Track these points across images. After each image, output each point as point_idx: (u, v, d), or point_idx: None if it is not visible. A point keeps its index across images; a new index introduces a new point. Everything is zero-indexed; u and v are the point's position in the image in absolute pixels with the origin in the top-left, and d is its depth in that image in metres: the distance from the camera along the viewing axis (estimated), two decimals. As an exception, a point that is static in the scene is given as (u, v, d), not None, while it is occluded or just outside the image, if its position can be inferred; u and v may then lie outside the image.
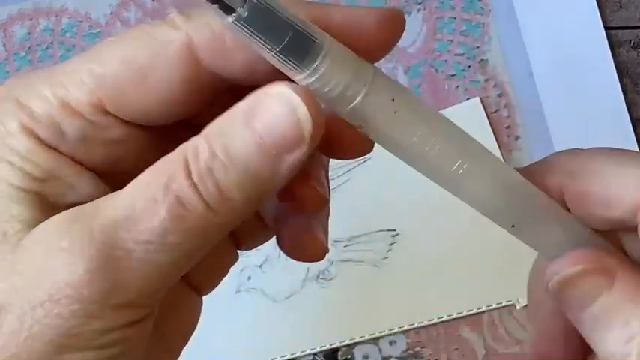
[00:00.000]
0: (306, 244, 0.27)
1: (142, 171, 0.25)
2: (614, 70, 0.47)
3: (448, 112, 0.47)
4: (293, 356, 0.45)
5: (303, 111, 0.21)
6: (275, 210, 0.27)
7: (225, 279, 0.44)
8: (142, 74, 0.23)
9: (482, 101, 0.47)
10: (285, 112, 0.21)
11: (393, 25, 0.24)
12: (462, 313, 0.45)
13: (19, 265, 0.21)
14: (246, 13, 0.21)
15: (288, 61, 0.22)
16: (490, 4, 0.48)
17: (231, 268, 0.48)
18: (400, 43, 0.48)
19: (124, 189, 0.22)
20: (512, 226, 0.25)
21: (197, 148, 0.21)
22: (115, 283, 0.21)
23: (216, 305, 0.45)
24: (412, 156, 0.24)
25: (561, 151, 0.26)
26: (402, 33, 0.24)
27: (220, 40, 0.23)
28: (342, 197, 0.46)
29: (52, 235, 0.21)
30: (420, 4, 0.48)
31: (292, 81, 0.22)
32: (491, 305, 0.45)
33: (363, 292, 0.45)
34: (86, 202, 0.23)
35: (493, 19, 0.48)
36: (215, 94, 0.24)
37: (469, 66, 0.47)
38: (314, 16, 0.22)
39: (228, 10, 0.21)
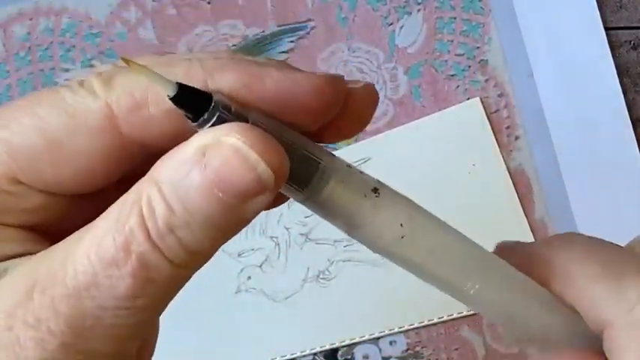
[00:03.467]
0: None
1: (68, 231, 0.23)
2: (614, 70, 0.47)
3: (448, 112, 0.47)
4: (293, 356, 0.45)
5: (262, 167, 0.19)
6: None
7: (225, 279, 0.44)
8: (57, 145, 0.21)
9: (482, 101, 0.47)
10: (243, 168, 0.19)
11: (331, 92, 0.22)
12: (462, 313, 0.45)
13: None
14: None
15: (291, 186, 0.21)
16: (490, 4, 0.48)
17: (232, 268, 0.48)
18: (400, 43, 0.48)
19: (78, 246, 0.20)
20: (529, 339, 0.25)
21: (151, 200, 0.20)
22: (90, 352, 0.20)
23: (216, 305, 0.45)
24: (422, 274, 0.24)
25: (545, 243, 0.26)
26: (341, 102, 0.22)
27: (143, 109, 0.21)
28: (342, 197, 0.46)
29: (12, 309, 0.20)
30: (420, 4, 0.48)
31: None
32: (491, 305, 0.45)
33: (363, 292, 0.45)
34: (19, 255, 0.22)
35: (493, 19, 0.48)
36: (137, 160, 0.23)
37: (469, 66, 0.47)
38: (246, 82, 0.21)
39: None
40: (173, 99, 0.20)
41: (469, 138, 0.46)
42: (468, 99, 0.47)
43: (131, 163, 0.23)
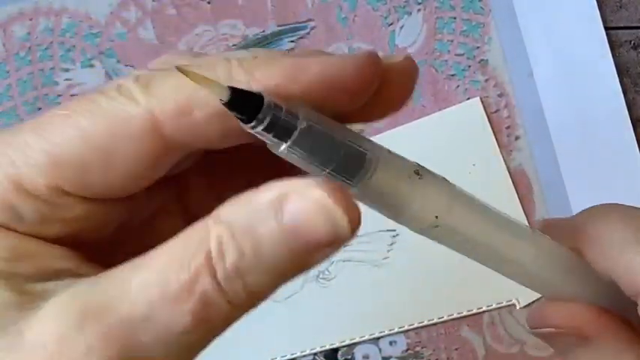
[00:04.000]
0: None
1: (111, 234, 0.23)
2: (614, 70, 0.47)
3: (448, 112, 0.47)
4: (293, 356, 0.45)
5: (344, 222, 0.20)
6: None
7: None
8: (102, 154, 0.21)
9: (482, 101, 0.47)
10: (324, 221, 0.20)
11: (372, 70, 0.22)
12: (462, 313, 0.45)
13: None
14: (296, 138, 0.20)
15: (340, 178, 0.21)
16: (490, 4, 0.48)
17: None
18: (400, 43, 0.48)
19: (136, 276, 0.20)
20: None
21: (222, 242, 0.20)
22: None
23: (216, 305, 0.45)
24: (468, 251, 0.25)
25: (582, 213, 0.26)
26: (380, 78, 0.22)
27: (187, 113, 0.21)
28: (342, 197, 0.46)
29: (63, 333, 0.19)
30: (420, 4, 0.48)
31: None
32: (492, 305, 0.45)
33: (363, 292, 0.45)
34: (63, 273, 0.21)
35: (493, 19, 0.48)
36: (181, 157, 0.23)
37: (469, 66, 0.47)
38: (290, 75, 0.21)
39: (281, 138, 0.20)
40: (227, 104, 0.20)
41: (469, 138, 0.46)
42: (468, 99, 0.47)
43: (173, 162, 0.23)
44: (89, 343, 0.19)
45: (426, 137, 0.46)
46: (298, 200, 0.20)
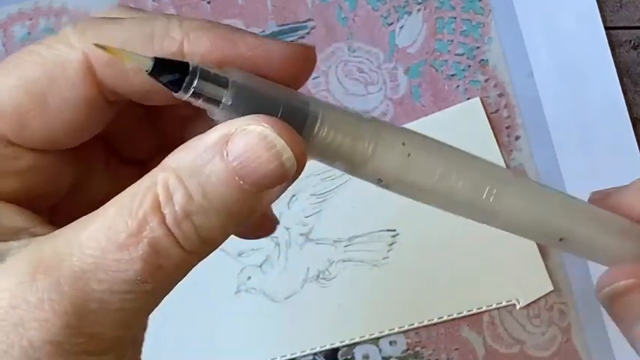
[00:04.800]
0: (260, 223, 0.26)
1: (62, 191, 0.24)
2: (614, 70, 0.47)
3: (448, 112, 0.47)
4: (293, 356, 0.45)
5: (288, 154, 0.20)
6: None
7: (225, 279, 0.44)
8: (41, 99, 0.22)
9: (482, 101, 0.47)
10: (268, 155, 0.20)
11: (303, 63, 0.22)
12: (462, 313, 0.45)
13: None
14: (230, 101, 0.20)
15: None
16: (490, 4, 0.48)
17: (232, 269, 0.48)
18: (400, 43, 0.48)
19: (86, 229, 0.20)
20: (560, 239, 0.24)
21: (168, 186, 0.20)
22: (93, 334, 0.20)
23: (216, 305, 0.45)
24: (438, 196, 0.23)
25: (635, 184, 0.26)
26: (311, 71, 0.23)
27: (119, 63, 0.22)
28: (343, 197, 0.46)
29: (15, 289, 0.20)
30: (420, 4, 0.48)
31: None
32: (492, 305, 0.45)
33: (363, 292, 0.45)
34: (24, 233, 0.22)
35: (493, 19, 0.48)
36: (119, 108, 0.23)
37: (469, 66, 0.47)
38: (219, 45, 0.21)
39: (213, 102, 0.21)
40: (151, 73, 0.20)
41: (469, 138, 0.46)
42: (468, 99, 0.47)
43: (112, 114, 0.23)
44: (41, 296, 0.19)
45: (426, 137, 0.46)
46: (241, 137, 0.20)
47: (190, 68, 0.20)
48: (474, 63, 0.47)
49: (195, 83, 0.20)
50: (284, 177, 0.20)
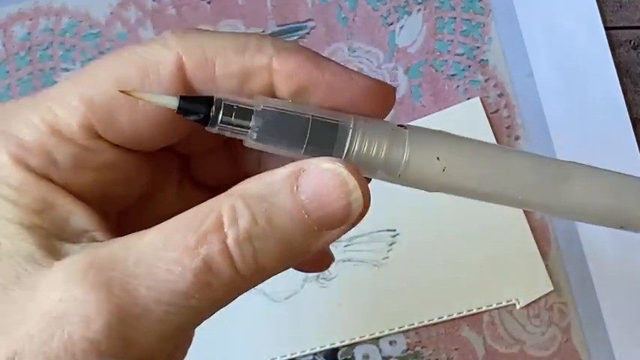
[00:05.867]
0: (316, 259, 0.26)
1: (132, 198, 0.24)
2: (614, 70, 0.47)
3: (448, 112, 0.47)
4: (293, 356, 0.45)
5: (357, 195, 0.20)
6: None
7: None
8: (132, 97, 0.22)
9: (482, 101, 0.47)
10: (338, 192, 0.20)
11: (383, 99, 0.23)
12: (462, 313, 0.45)
13: (33, 313, 0.20)
14: (256, 131, 0.21)
15: (320, 153, 0.21)
16: (490, 4, 0.48)
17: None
18: (400, 43, 0.48)
19: (144, 237, 0.21)
20: (621, 227, 0.24)
21: (235, 209, 0.20)
22: (131, 341, 0.20)
23: (216, 305, 0.45)
24: (484, 197, 0.23)
25: None
26: (390, 109, 0.23)
27: (211, 65, 0.22)
28: (342, 197, 0.46)
29: (66, 282, 0.20)
30: (420, 4, 0.48)
31: None
32: (492, 305, 0.45)
33: (363, 292, 0.45)
34: (85, 236, 0.22)
35: (493, 19, 0.48)
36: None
37: (469, 66, 0.47)
38: (306, 68, 0.22)
39: (242, 133, 0.21)
40: (179, 112, 0.21)
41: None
42: (468, 99, 0.47)
43: (194, 124, 0.23)
44: (87, 293, 0.20)
45: (426, 137, 0.46)
46: (315, 173, 0.20)
47: (214, 103, 0.21)
48: (474, 63, 0.47)
49: (220, 118, 0.21)
50: (348, 217, 0.21)
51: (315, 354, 0.45)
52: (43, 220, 0.22)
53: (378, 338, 0.45)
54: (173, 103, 0.21)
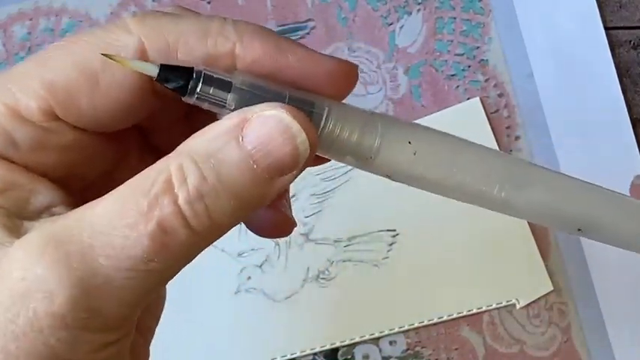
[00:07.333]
0: (277, 223, 0.27)
1: (95, 175, 0.24)
2: (614, 70, 0.47)
3: (448, 112, 0.47)
4: (293, 356, 0.45)
5: (302, 138, 0.21)
6: None
7: (225, 279, 0.44)
8: (93, 80, 0.22)
9: (482, 101, 0.47)
10: (283, 138, 0.20)
11: (346, 78, 0.23)
12: (462, 313, 0.45)
13: None
14: (234, 104, 0.21)
15: None
16: (490, 4, 0.48)
17: (232, 268, 0.48)
18: (400, 43, 0.48)
19: (97, 206, 0.21)
20: (579, 230, 0.25)
21: (183, 169, 0.20)
22: (96, 311, 0.20)
23: (216, 305, 0.45)
24: (448, 190, 0.23)
25: None
26: (353, 88, 0.23)
27: (173, 51, 0.22)
28: (342, 197, 0.46)
29: (26, 260, 0.20)
30: (420, 4, 0.48)
31: None
32: (492, 305, 0.45)
33: (363, 292, 0.45)
34: (46, 213, 0.22)
35: (493, 19, 0.48)
36: (163, 102, 0.24)
37: (469, 66, 0.47)
38: (270, 53, 0.22)
39: (219, 105, 0.21)
40: (158, 79, 0.21)
41: (469, 138, 0.46)
42: (468, 99, 0.47)
43: (156, 105, 0.24)
44: (48, 269, 0.20)
45: (426, 137, 0.46)
46: (258, 121, 0.20)
47: (194, 73, 0.21)
48: (473, 63, 0.47)
49: (199, 88, 0.21)
50: (297, 162, 0.21)
51: (315, 354, 0.45)
52: (4, 200, 0.22)
53: (378, 338, 0.45)
54: (153, 70, 0.21)
